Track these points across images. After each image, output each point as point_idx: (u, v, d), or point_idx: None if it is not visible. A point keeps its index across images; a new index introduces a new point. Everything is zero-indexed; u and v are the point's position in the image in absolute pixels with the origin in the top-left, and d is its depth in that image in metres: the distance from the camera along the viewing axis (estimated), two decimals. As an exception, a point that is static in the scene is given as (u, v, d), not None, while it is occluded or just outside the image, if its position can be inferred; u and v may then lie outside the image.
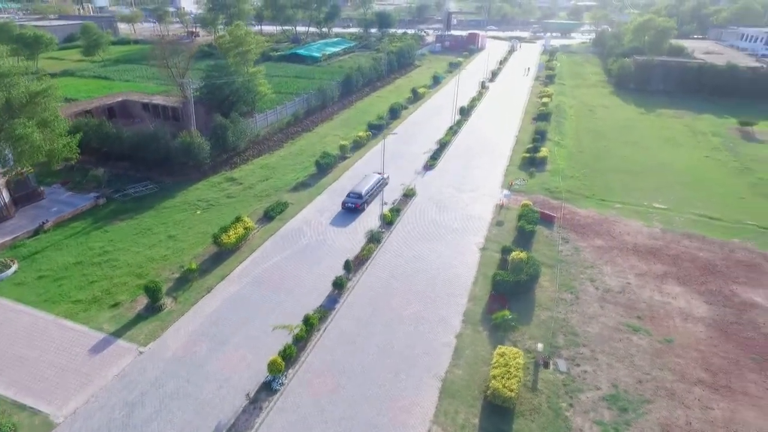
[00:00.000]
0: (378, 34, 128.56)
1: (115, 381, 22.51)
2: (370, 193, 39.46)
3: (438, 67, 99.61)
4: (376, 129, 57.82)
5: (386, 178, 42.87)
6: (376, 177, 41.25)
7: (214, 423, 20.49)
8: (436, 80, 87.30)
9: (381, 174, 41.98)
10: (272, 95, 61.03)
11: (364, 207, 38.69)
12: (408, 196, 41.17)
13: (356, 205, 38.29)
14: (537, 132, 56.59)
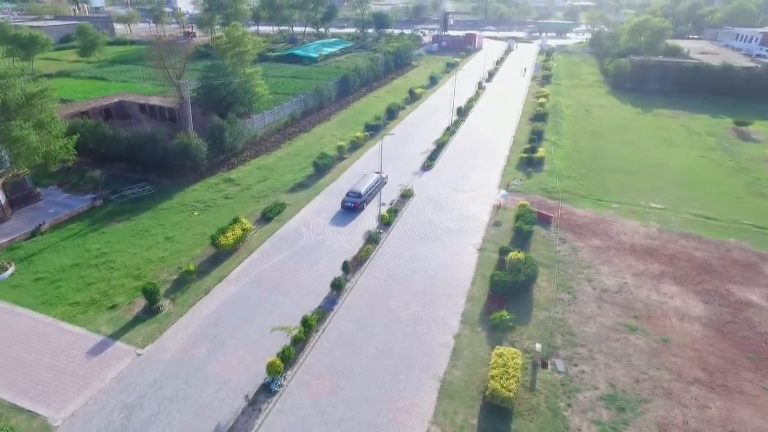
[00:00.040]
0: (375, 35, 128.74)
1: (113, 383, 22.45)
2: (369, 192, 39.54)
3: (435, 67, 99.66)
4: (374, 129, 57.77)
5: (385, 178, 42.97)
6: (375, 176, 41.35)
7: (213, 425, 20.48)
8: (433, 80, 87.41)
9: (380, 173, 42.09)
10: (269, 96, 60.99)
11: (363, 206, 38.79)
12: (406, 197, 41.22)
13: (356, 204, 38.37)
14: (534, 132, 56.70)
